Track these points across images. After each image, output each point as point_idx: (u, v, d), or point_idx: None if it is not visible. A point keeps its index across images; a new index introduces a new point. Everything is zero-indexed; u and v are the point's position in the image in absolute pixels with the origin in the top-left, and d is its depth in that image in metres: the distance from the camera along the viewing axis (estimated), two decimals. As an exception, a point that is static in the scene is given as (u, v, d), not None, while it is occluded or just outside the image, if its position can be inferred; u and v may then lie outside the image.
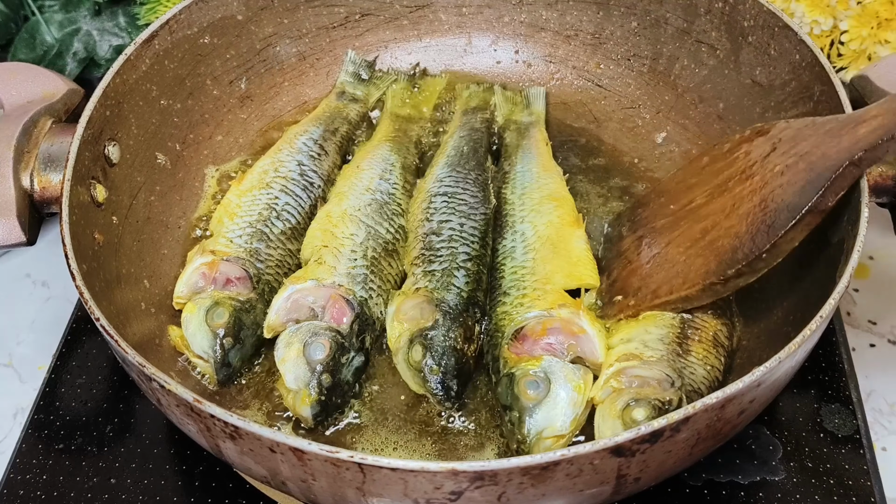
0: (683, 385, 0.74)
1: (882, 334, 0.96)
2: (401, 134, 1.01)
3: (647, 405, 0.71)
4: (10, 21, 1.14)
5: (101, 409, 0.87)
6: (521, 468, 0.60)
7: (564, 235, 0.88)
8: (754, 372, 0.63)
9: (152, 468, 0.83)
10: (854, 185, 0.75)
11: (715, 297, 0.78)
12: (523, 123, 1.02)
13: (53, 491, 0.81)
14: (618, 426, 0.72)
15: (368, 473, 0.61)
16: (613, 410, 0.72)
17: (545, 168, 0.96)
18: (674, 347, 0.77)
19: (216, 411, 0.63)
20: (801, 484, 0.80)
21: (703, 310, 0.81)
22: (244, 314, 0.82)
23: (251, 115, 1.03)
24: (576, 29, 1.06)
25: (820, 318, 0.67)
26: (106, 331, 0.68)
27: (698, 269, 0.77)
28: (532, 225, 0.89)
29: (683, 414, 0.61)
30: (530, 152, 0.98)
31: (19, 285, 1.03)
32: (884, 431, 0.88)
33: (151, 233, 0.90)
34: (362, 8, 1.06)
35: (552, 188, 0.93)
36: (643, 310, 0.80)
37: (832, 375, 0.88)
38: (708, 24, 0.96)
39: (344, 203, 0.91)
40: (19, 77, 0.88)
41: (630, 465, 0.63)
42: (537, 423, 0.74)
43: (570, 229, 0.88)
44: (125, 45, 1.09)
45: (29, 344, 0.97)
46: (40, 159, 0.81)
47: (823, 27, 0.99)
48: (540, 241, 0.87)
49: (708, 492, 0.80)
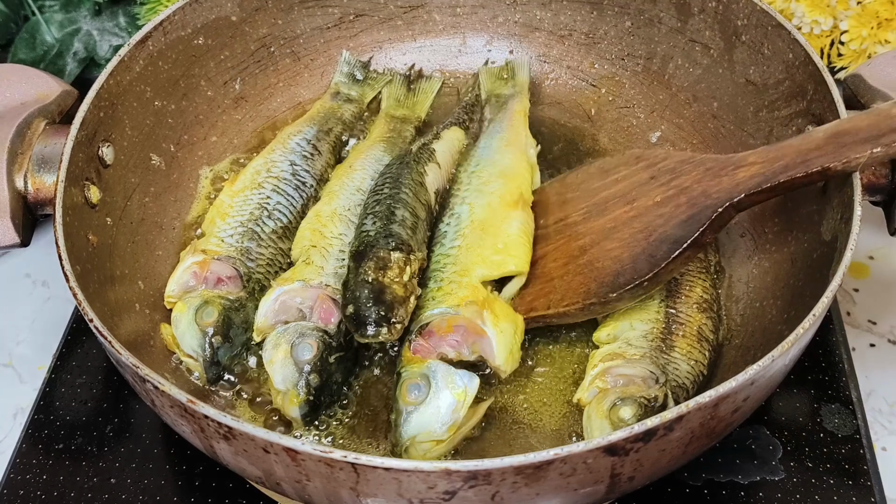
0: (668, 381, 0.75)
1: (882, 334, 0.96)
2: (395, 135, 1.01)
3: (633, 403, 0.72)
4: (10, 21, 1.14)
5: (101, 409, 0.87)
6: (515, 467, 0.59)
7: (498, 217, 0.85)
8: (748, 370, 0.63)
9: (152, 468, 0.83)
10: (847, 182, 0.75)
11: (591, 316, 0.81)
12: (504, 96, 1.02)
13: (53, 491, 0.81)
14: (605, 426, 0.72)
15: (362, 473, 0.61)
16: (600, 411, 0.73)
17: (508, 143, 0.94)
18: (657, 343, 0.78)
19: (210, 412, 0.63)
20: (801, 484, 0.80)
21: (687, 304, 0.81)
22: (233, 313, 0.83)
23: (246, 116, 1.03)
24: (570, 29, 1.06)
25: (813, 316, 0.67)
26: (99, 332, 0.68)
27: (577, 287, 0.79)
28: (469, 206, 0.87)
29: (677, 413, 0.61)
30: (500, 125, 0.97)
31: (19, 285, 1.02)
32: (884, 431, 0.88)
33: (146, 234, 0.90)
34: (356, 9, 1.06)
35: (506, 164, 0.91)
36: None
37: (832, 375, 0.88)
38: (701, 24, 0.96)
39: (334, 202, 0.91)
40: (13, 78, 0.88)
41: (624, 464, 0.62)
42: (411, 428, 0.73)
43: (506, 210, 0.86)
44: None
45: (29, 344, 0.97)
46: (34, 161, 0.81)
47: (823, 27, 0.99)
48: (472, 225, 0.85)
49: (708, 492, 0.80)
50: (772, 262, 0.87)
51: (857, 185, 0.74)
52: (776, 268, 0.86)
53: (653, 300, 0.82)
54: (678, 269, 0.76)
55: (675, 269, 0.76)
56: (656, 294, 0.83)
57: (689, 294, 0.83)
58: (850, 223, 0.73)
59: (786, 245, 0.86)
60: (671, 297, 0.83)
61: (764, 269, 0.87)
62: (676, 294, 0.83)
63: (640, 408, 0.71)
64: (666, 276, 0.76)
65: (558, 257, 0.81)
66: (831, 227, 0.78)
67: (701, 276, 0.85)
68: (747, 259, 0.89)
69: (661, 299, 0.83)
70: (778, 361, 0.65)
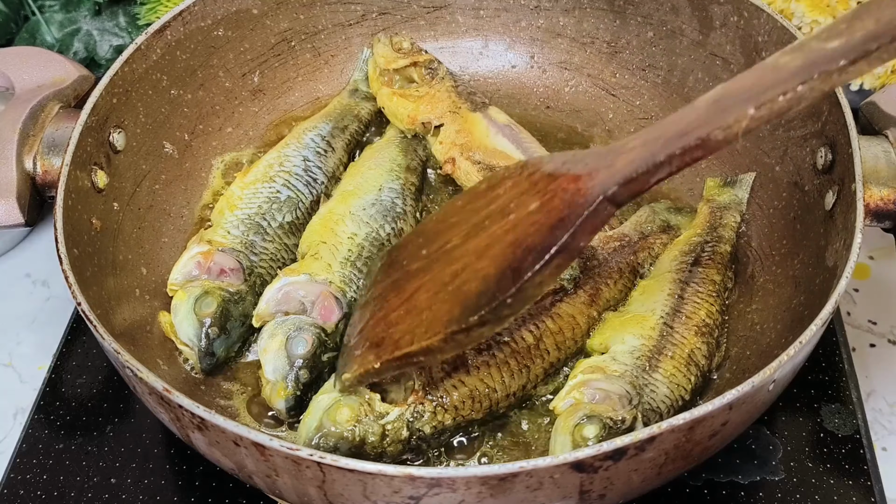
0: (640, 403, 0.73)
1: (882, 334, 0.95)
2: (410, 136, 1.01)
3: (597, 423, 0.70)
4: (10, 21, 1.14)
5: (102, 408, 0.88)
6: (479, 477, 0.59)
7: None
8: (725, 395, 0.62)
9: (152, 468, 0.83)
10: (852, 208, 0.74)
11: (459, 349, 0.70)
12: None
13: (53, 491, 0.82)
14: (567, 443, 0.71)
15: (328, 473, 0.61)
16: (566, 426, 0.72)
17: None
18: (642, 363, 0.76)
19: (184, 402, 0.63)
20: (801, 484, 0.80)
21: (687, 325, 0.80)
22: (233, 305, 0.83)
23: (262, 109, 1.03)
24: (592, 36, 1.05)
25: (800, 343, 0.65)
26: (86, 316, 0.69)
27: (441, 316, 0.68)
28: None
29: (648, 433, 0.60)
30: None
31: (19, 285, 1.03)
32: (884, 431, 0.87)
33: (153, 221, 0.91)
34: (380, 6, 1.06)
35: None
36: (385, 363, 0.71)
37: (832, 375, 0.87)
38: (723, 38, 0.95)
39: (349, 201, 0.91)
40: (32, 61, 0.89)
41: (593, 482, 0.62)
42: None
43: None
44: (125, 45, 1.11)
45: (29, 344, 0.97)
46: (44, 143, 0.82)
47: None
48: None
49: (708, 492, 0.79)
50: (776, 285, 0.85)
51: (859, 209, 0.72)
52: (779, 290, 0.84)
53: (652, 315, 0.81)
54: (549, 281, 0.66)
55: (545, 282, 0.65)
56: (657, 310, 0.81)
57: (692, 316, 0.81)
58: (849, 250, 0.71)
59: (791, 268, 0.84)
60: (671, 316, 0.81)
61: (767, 290, 0.85)
62: (678, 313, 0.81)
63: (603, 429, 0.70)
64: (535, 292, 0.65)
65: (431, 287, 0.72)
66: (834, 252, 0.76)
67: (710, 299, 0.83)
68: (750, 279, 0.87)
69: (661, 316, 0.81)
70: (760, 388, 0.64)
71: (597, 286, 0.84)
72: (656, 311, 0.81)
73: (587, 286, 0.83)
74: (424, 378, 0.75)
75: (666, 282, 0.84)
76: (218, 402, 0.81)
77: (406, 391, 0.75)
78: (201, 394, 0.81)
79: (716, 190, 0.93)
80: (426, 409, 0.74)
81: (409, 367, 0.73)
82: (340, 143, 0.99)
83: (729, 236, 0.88)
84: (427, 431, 0.74)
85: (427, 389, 0.75)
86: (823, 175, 0.83)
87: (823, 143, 0.83)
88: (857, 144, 0.77)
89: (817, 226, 0.82)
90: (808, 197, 0.85)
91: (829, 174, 0.81)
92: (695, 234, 0.88)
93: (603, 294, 0.84)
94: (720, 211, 0.91)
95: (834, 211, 0.79)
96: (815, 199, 0.83)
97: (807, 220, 0.84)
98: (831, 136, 0.82)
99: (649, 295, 0.83)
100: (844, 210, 0.76)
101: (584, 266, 0.84)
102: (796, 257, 0.84)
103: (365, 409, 0.73)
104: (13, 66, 0.89)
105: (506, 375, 0.77)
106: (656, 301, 0.82)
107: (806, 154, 0.86)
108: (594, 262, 0.84)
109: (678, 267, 0.85)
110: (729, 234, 0.88)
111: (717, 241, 0.87)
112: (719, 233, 0.88)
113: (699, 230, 0.89)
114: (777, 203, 0.89)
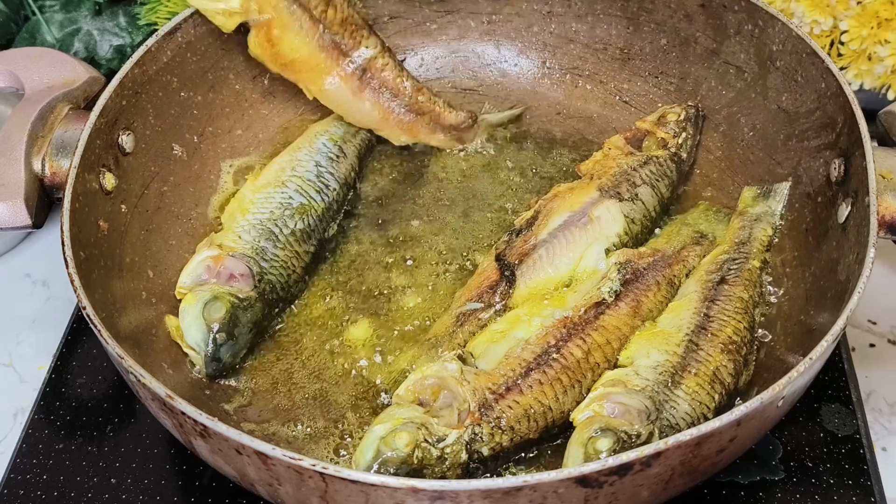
0: (659, 419, 0.72)
1: (882, 334, 0.94)
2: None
3: (611, 436, 0.69)
4: (10, 21, 1.13)
5: (102, 408, 0.87)
6: (483, 491, 0.59)
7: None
8: (733, 411, 0.61)
9: (152, 468, 0.83)
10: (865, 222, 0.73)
11: None
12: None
13: (53, 491, 0.81)
14: (579, 455, 0.70)
15: (330, 483, 0.60)
16: (581, 438, 0.71)
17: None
18: (665, 378, 0.75)
19: (187, 409, 0.63)
20: (801, 484, 0.79)
21: (713, 342, 0.78)
22: (241, 312, 0.83)
23: (273, 112, 1.03)
24: (605, 43, 1.04)
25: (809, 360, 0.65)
26: (91, 319, 0.69)
27: None
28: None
29: (654, 449, 0.59)
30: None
31: (19, 285, 1.02)
32: (884, 431, 0.87)
33: (161, 223, 0.91)
34: (391, 10, 1.06)
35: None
36: None
37: (832, 375, 0.87)
38: (737, 46, 0.94)
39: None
40: (42, 62, 0.89)
41: (598, 497, 0.61)
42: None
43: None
44: (126, 45, 1.12)
45: (29, 344, 0.97)
46: (53, 144, 0.82)
47: (823, 27, 0.96)
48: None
49: (708, 492, 0.79)
50: (787, 297, 0.84)
51: (873, 224, 0.71)
52: (790, 304, 0.83)
53: (678, 332, 0.79)
54: None
55: None
56: (684, 326, 0.80)
57: (718, 333, 0.79)
58: (862, 265, 0.70)
59: (802, 281, 0.83)
60: (697, 333, 0.79)
61: (778, 303, 0.84)
62: (704, 330, 0.79)
63: (617, 442, 0.69)
64: None
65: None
66: (847, 266, 0.75)
67: (737, 316, 0.81)
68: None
69: (687, 333, 0.79)
70: (769, 404, 0.63)
71: (637, 298, 0.83)
72: (682, 328, 0.80)
73: (628, 298, 0.82)
74: (479, 399, 0.74)
75: (693, 301, 0.83)
76: (222, 408, 0.81)
77: (460, 414, 0.74)
78: (205, 399, 0.81)
79: (750, 201, 0.91)
80: (483, 430, 0.73)
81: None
82: (352, 148, 0.99)
83: (757, 251, 0.87)
84: (485, 453, 0.73)
85: (482, 411, 0.74)
86: (837, 187, 0.82)
87: (837, 155, 0.82)
88: (871, 157, 0.76)
89: (830, 238, 0.81)
90: (820, 209, 0.84)
91: (843, 186, 0.81)
92: (722, 252, 0.86)
93: (644, 305, 0.83)
94: (751, 224, 0.89)
95: (847, 224, 0.78)
96: (828, 211, 0.82)
97: (819, 232, 0.83)
98: (845, 147, 0.81)
99: (676, 313, 0.82)
100: (858, 223, 0.75)
101: (623, 280, 0.83)
102: (808, 270, 0.83)
103: (423, 433, 0.71)
104: (23, 66, 0.89)
105: (559, 392, 0.76)
106: (682, 318, 0.81)
107: (819, 165, 0.85)
108: (631, 277, 0.84)
109: (704, 286, 0.83)
110: (757, 248, 0.87)
111: (744, 258, 0.86)
112: (747, 249, 0.87)
113: (726, 247, 0.87)
114: (789, 215, 0.89)
